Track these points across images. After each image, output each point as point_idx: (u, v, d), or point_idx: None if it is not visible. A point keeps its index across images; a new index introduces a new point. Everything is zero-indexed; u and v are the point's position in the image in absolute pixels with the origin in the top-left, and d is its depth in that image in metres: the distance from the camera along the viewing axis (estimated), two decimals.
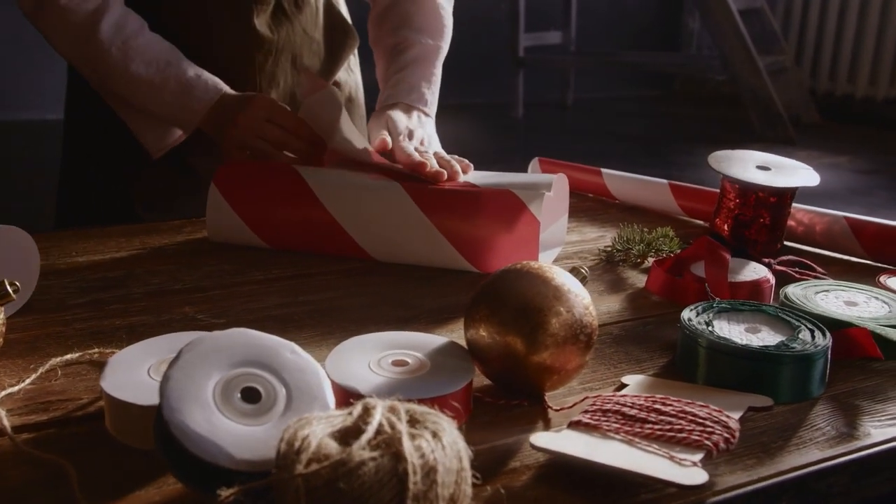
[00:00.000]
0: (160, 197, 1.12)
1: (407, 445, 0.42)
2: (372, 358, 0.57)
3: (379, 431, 0.43)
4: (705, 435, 0.51)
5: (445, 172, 0.88)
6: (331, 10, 1.20)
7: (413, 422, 0.45)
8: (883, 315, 0.70)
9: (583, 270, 0.64)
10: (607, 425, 0.53)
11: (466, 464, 0.44)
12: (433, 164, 0.89)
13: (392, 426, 0.43)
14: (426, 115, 1.05)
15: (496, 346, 0.57)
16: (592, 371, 0.65)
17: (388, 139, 0.95)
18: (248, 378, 0.49)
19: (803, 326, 0.64)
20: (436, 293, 0.79)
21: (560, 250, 0.93)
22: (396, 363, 0.57)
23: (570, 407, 0.57)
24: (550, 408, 0.58)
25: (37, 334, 0.69)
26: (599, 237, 0.98)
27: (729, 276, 0.78)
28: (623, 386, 0.61)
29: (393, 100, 1.04)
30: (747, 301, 0.69)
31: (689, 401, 0.55)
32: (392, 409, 0.45)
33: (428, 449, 0.42)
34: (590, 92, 5.46)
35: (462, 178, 0.90)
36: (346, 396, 0.53)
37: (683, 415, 0.53)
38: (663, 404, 0.54)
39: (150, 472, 0.50)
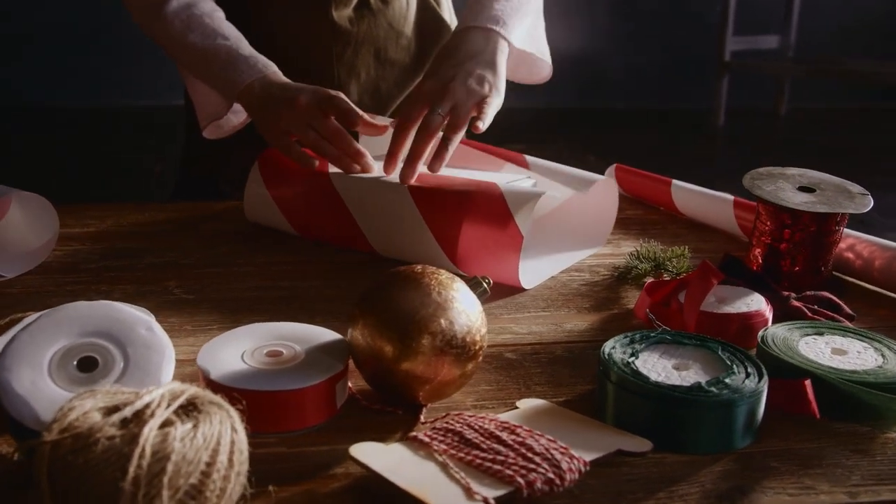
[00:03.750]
0: (243, 177, 1.19)
1: (146, 429, 0.42)
2: (250, 346, 0.58)
3: (139, 413, 0.44)
4: (523, 471, 0.46)
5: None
6: (425, 6, 1.21)
7: (190, 408, 0.45)
8: (867, 369, 0.59)
9: (483, 283, 0.60)
10: (437, 445, 0.49)
11: (228, 458, 0.43)
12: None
13: (153, 410, 0.44)
14: (501, 36, 0.96)
15: (368, 349, 0.55)
16: (499, 389, 0.61)
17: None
18: (91, 348, 0.52)
19: (739, 369, 0.56)
20: None
21: (580, 259, 0.88)
22: (270, 354, 0.57)
23: (433, 421, 0.54)
24: (418, 420, 0.55)
25: (27, 292, 0.77)
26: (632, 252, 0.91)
27: (719, 306, 0.69)
28: (514, 408, 0.57)
29: (463, 24, 0.99)
30: (697, 334, 0.61)
31: (541, 433, 0.50)
32: (172, 394, 0.45)
33: (172, 436, 0.42)
34: (808, 101, 5.04)
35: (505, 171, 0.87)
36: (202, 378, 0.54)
37: (519, 446, 0.48)
38: (510, 432, 0.50)
39: None
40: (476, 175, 0.88)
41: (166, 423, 0.43)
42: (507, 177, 0.89)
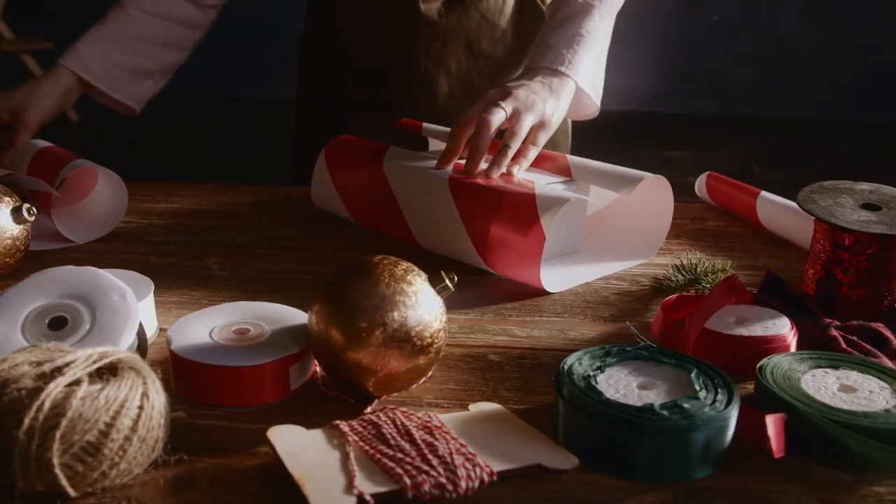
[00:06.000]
0: None
1: (52, 385, 0.45)
2: (222, 322, 0.60)
3: (57, 370, 0.47)
4: (414, 472, 0.45)
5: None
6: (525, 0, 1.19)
7: (106, 371, 0.48)
8: (868, 411, 0.52)
9: (446, 279, 0.58)
10: (352, 436, 0.49)
11: (132, 422, 0.46)
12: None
13: (70, 368, 0.46)
14: (567, 76, 0.95)
15: (320, 335, 0.56)
16: (464, 389, 0.59)
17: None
18: (64, 308, 0.56)
19: (707, 394, 0.51)
20: None
21: (625, 269, 0.83)
22: (238, 331, 0.59)
23: (372, 413, 0.54)
24: (365, 411, 0.55)
25: (87, 257, 0.84)
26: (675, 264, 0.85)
27: (734, 327, 0.64)
28: (464, 410, 0.55)
29: (530, 64, 0.99)
30: (677, 353, 0.56)
31: (455, 437, 0.48)
32: (100, 356, 0.48)
33: (75, 395, 0.45)
34: None
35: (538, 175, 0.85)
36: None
37: (425, 446, 0.47)
38: (427, 432, 0.49)
39: None
40: (524, 175, 0.86)
41: (76, 382, 0.46)
42: (551, 178, 0.86)
